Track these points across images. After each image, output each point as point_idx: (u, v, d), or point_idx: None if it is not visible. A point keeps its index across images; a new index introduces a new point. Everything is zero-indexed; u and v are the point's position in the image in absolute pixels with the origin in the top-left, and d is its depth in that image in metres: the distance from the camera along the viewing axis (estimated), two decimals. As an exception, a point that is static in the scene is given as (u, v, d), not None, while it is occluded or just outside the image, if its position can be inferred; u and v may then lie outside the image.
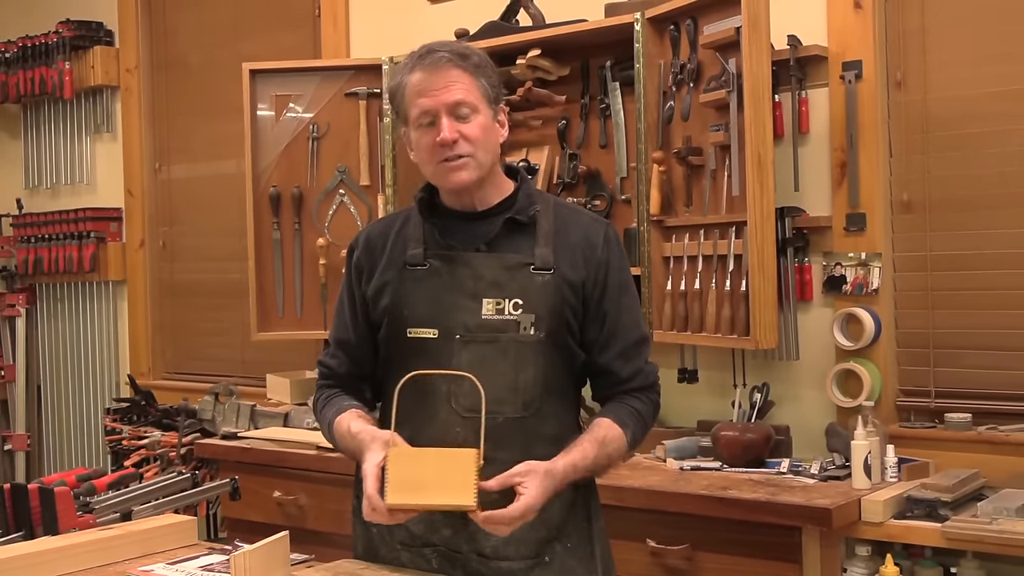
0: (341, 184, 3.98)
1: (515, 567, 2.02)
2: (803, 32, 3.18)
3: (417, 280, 2.06)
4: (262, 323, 4.00)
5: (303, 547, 2.16)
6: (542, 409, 2.03)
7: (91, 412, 5.26)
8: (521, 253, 2.04)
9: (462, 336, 2.01)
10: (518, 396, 2.02)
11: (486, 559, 2.02)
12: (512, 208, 2.08)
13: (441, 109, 1.98)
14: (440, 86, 1.99)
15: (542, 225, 2.06)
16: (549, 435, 2.04)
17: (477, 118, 2.01)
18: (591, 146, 3.60)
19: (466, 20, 3.76)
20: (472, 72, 2.02)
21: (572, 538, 2.09)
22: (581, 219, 2.14)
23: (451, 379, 2.00)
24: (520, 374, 2.01)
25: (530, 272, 2.02)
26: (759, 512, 2.67)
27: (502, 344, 2.01)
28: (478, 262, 2.04)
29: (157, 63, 5.13)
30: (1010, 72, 2.99)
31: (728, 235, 3.09)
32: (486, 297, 2.02)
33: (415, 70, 2.01)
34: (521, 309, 2.01)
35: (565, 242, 2.06)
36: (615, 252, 2.11)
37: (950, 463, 2.92)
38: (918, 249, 3.13)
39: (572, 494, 2.07)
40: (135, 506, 2.45)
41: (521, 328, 2.00)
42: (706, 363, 3.39)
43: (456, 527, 2.02)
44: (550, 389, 2.05)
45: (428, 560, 2.06)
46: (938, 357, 3.10)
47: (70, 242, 5.15)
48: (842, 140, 3.16)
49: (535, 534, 2.01)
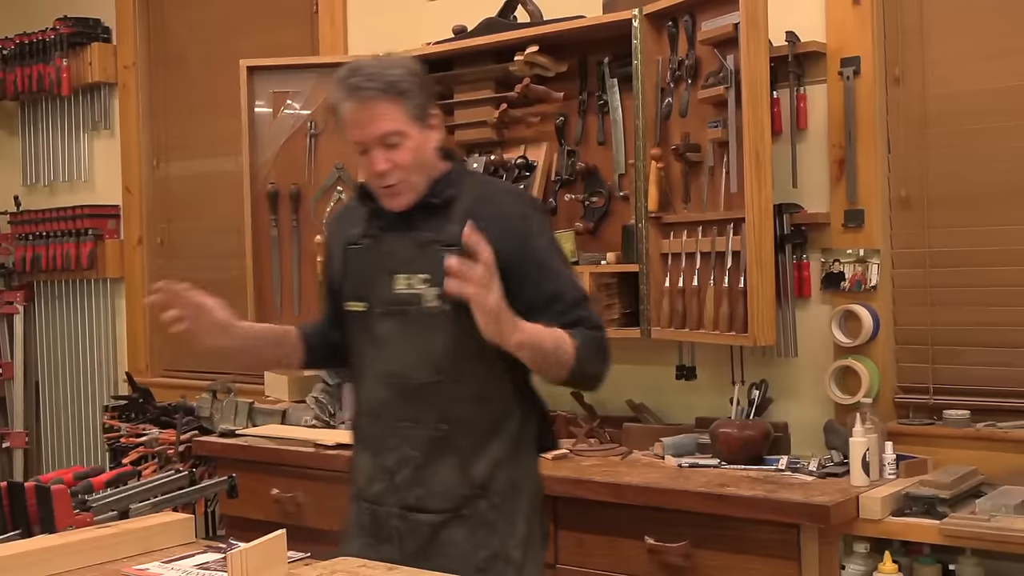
0: (339, 181, 3.98)
1: (433, 519, 2.18)
2: (801, 28, 3.17)
3: (354, 258, 2.28)
4: (260, 320, 3.98)
5: (301, 544, 2.16)
6: (458, 373, 2.18)
7: (89, 409, 5.25)
8: (434, 231, 2.19)
9: (380, 309, 2.22)
10: (429, 362, 2.18)
11: (407, 510, 2.20)
12: (431, 192, 2.22)
13: (371, 142, 2.15)
14: (367, 120, 2.14)
15: (459, 205, 2.20)
16: (468, 395, 2.19)
17: (407, 143, 2.15)
18: (589, 143, 3.59)
19: (463, 16, 3.76)
20: (398, 99, 2.14)
21: (500, 495, 2.21)
22: (501, 196, 2.31)
23: (375, 347, 2.23)
24: (428, 342, 2.18)
25: (437, 248, 2.15)
26: (757, 509, 2.67)
27: (411, 315, 2.19)
28: (394, 240, 2.23)
29: (155, 60, 5.12)
30: (1009, 68, 2.98)
31: (726, 232, 3.09)
32: (398, 273, 2.20)
33: (347, 99, 2.15)
34: (427, 283, 2.17)
35: (482, 216, 2.14)
36: (532, 224, 2.23)
37: (948, 460, 2.92)
38: (916, 245, 3.12)
39: (500, 451, 2.21)
40: (132, 504, 2.45)
41: (424, 300, 2.17)
42: (704, 360, 3.39)
43: (385, 481, 2.22)
44: (464, 355, 2.17)
45: (363, 513, 2.27)
46: (937, 354, 3.10)
47: (68, 239, 5.15)
48: (840, 136, 3.15)
49: (457, 489, 2.18)
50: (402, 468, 2.20)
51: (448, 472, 2.18)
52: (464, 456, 2.19)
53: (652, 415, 3.48)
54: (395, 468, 2.21)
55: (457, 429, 2.18)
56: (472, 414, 2.19)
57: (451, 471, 2.18)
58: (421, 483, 2.19)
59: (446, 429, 2.18)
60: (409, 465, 2.19)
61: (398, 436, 2.21)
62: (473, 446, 2.19)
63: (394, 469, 2.21)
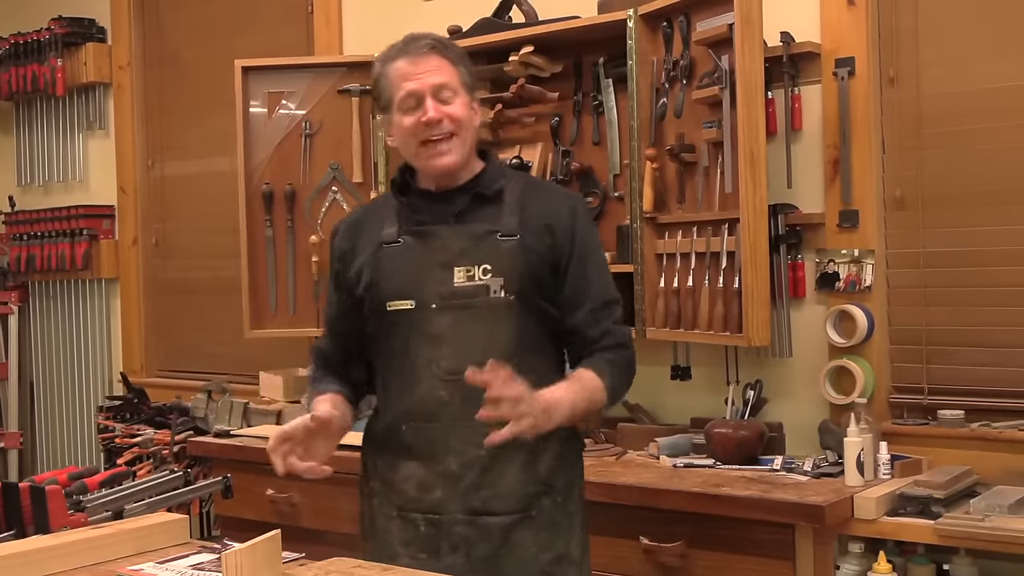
0: (334, 181, 3.98)
1: (503, 522, 2.12)
2: (796, 29, 3.18)
3: (392, 256, 2.19)
4: (255, 320, 4.00)
5: (296, 545, 2.16)
6: (520, 366, 2.07)
7: (84, 410, 5.25)
8: (488, 223, 2.17)
9: (437, 304, 2.14)
10: (495, 356, 2.07)
11: (475, 515, 2.12)
12: (479, 184, 2.21)
13: (426, 91, 2.13)
14: (423, 70, 2.14)
15: (508, 197, 2.19)
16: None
17: (458, 99, 2.16)
18: (584, 143, 3.60)
19: (459, 17, 3.76)
20: (452, 60, 2.18)
21: (561, 493, 2.18)
22: (550, 192, 2.31)
23: (432, 345, 2.14)
24: (494, 335, 2.13)
25: (496, 239, 2.14)
26: (752, 509, 2.67)
27: (475, 309, 2.13)
28: (447, 233, 2.17)
29: (150, 60, 5.12)
30: (1003, 69, 2.99)
31: (721, 232, 3.09)
32: (457, 266, 2.14)
33: (398, 58, 2.16)
34: (490, 274, 2.13)
35: (533, 212, 2.18)
36: (581, 222, 2.23)
37: (943, 460, 2.92)
38: (911, 246, 3.13)
39: (559, 447, 2.18)
40: (127, 504, 2.44)
41: (491, 291, 2.13)
42: (699, 360, 3.39)
43: (448, 487, 2.13)
44: (526, 346, 2.14)
45: (416, 526, 2.16)
46: (931, 354, 3.10)
47: (63, 239, 5.14)
48: (835, 137, 3.16)
49: (525, 488, 2.12)
50: (468, 471, 2.12)
51: (515, 471, 2.13)
52: (530, 453, 2.14)
53: (647, 415, 3.48)
54: (460, 472, 2.12)
55: None
56: None
57: (518, 470, 2.13)
58: (488, 485, 2.12)
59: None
60: (475, 467, 2.12)
61: (461, 438, 2.12)
62: (538, 442, 2.10)
63: (459, 473, 2.12)
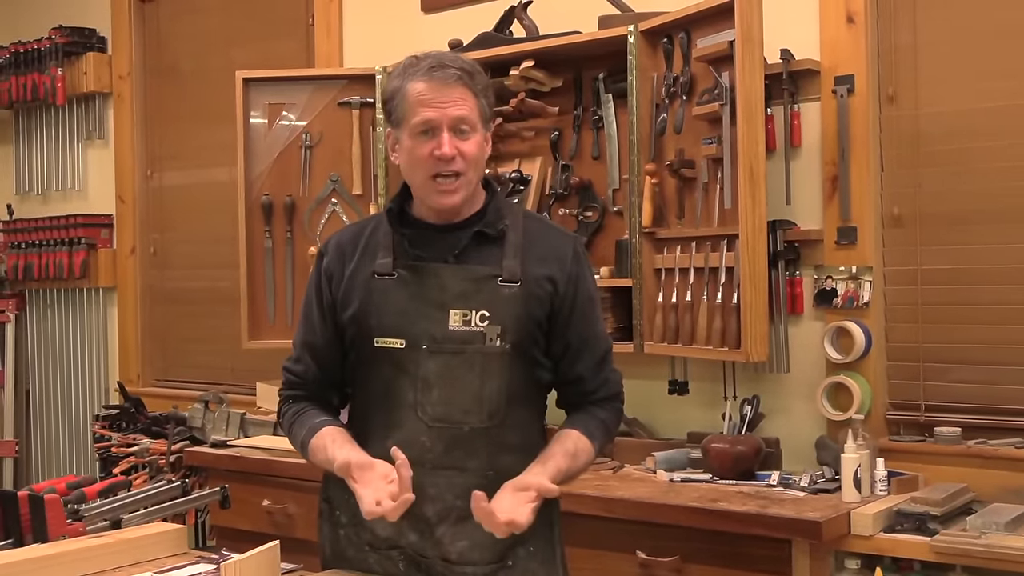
0: (333, 193, 3.98)
1: (479, 571, 2.06)
2: (796, 46, 3.19)
3: (385, 290, 2.07)
4: (253, 331, 4.00)
5: (291, 556, 2.16)
6: (507, 419, 2.07)
7: (80, 419, 5.25)
8: (489, 265, 2.06)
9: (428, 347, 2.04)
10: (483, 407, 2.05)
11: (451, 564, 2.06)
12: (482, 221, 2.10)
13: (445, 122, 2.00)
14: (446, 100, 2.01)
15: (511, 238, 2.09)
16: (515, 444, 2.08)
17: (475, 136, 2.04)
18: (583, 157, 3.61)
19: (460, 31, 3.77)
20: (476, 92, 2.05)
21: (536, 542, 2.12)
22: (550, 233, 2.17)
23: (418, 388, 2.04)
24: (485, 385, 2.04)
25: (497, 284, 2.05)
26: (749, 524, 2.67)
27: (468, 355, 2.04)
28: (446, 273, 2.06)
29: (150, 70, 5.13)
30: (1001, 88, 3.00)
31: (720, 248, 3.10)
32: (453, 308, 2.04)
33: (421, 79, 2.02)
34: (488, 321, 2.03)
35: (533, 255, 2.09)
36: (583, 265, 2.15)
37: (939, 477, 2.93)
38: (909, 263, 3.14)
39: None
40: (125, 514, 2.44)
41: (487, 339, 2.03)
42: (697, 375, 3.39)
43: (423, 532, 2.06)
44: (515, 399, 2.08)
45: (395, 562, 2.09)
46: (928, 371, 3.11)
47: (61, 248, 5.15)
48: (834, 154, 3.17)
49: (499, 540, 2.01)
50: (443, 520, 2.05)
51: None
52: None
53: (644, 429, 3.48)
54: (435, 520, 2.05)
55: (503, 477, 1.99)
56: (516, 461, 2.04)
57: None
58: (464, 536, 2.04)
59: (492, 476, 2.01)
60: (451, 517, 2.04)
61: (439, 485, 2.04)
62: None
63: (434, 521, 2.05)
